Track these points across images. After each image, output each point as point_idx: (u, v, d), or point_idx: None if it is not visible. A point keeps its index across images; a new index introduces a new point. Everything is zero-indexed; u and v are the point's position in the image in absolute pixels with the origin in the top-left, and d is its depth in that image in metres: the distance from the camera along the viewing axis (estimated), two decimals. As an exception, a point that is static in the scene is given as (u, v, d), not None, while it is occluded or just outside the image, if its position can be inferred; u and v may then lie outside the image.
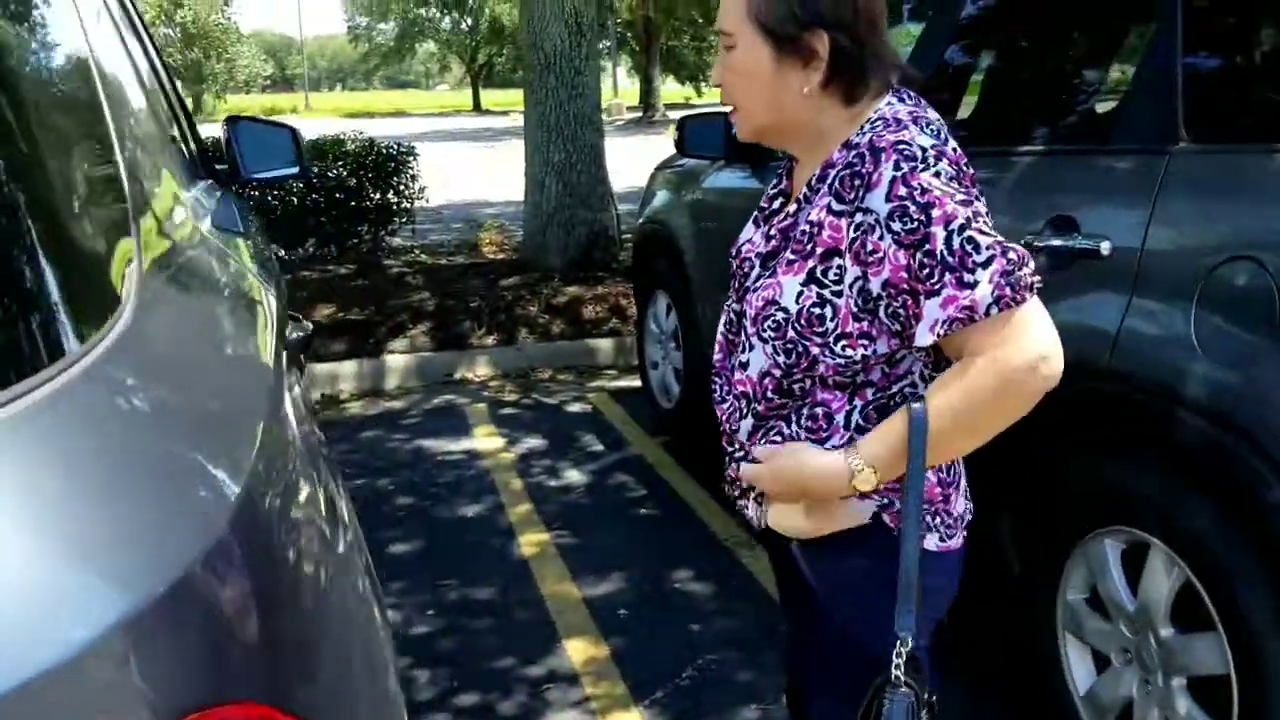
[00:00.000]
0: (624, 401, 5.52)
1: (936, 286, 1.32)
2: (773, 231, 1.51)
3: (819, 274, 1.40)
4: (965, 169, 1.39)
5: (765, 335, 1.45)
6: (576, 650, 3.10)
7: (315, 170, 7.59)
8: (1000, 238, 1.33)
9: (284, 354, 1.19)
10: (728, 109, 1.53)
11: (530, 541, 3.86)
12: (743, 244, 1.57)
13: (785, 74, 1.43)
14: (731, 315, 1.58)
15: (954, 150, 1.40)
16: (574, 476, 4.51)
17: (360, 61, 73.56)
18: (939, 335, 1.34)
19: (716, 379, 1.61)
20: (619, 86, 48.82)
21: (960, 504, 1.55)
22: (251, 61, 52.72)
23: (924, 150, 1.35)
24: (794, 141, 1.51)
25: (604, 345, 6.32)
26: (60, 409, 0.67)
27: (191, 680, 0.61)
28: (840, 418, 1.47)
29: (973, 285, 1.30)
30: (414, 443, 5.01)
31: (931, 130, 1.40)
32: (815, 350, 1.41)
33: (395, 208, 8.09)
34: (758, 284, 1.50)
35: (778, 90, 1.44)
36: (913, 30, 3.09)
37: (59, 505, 0.62)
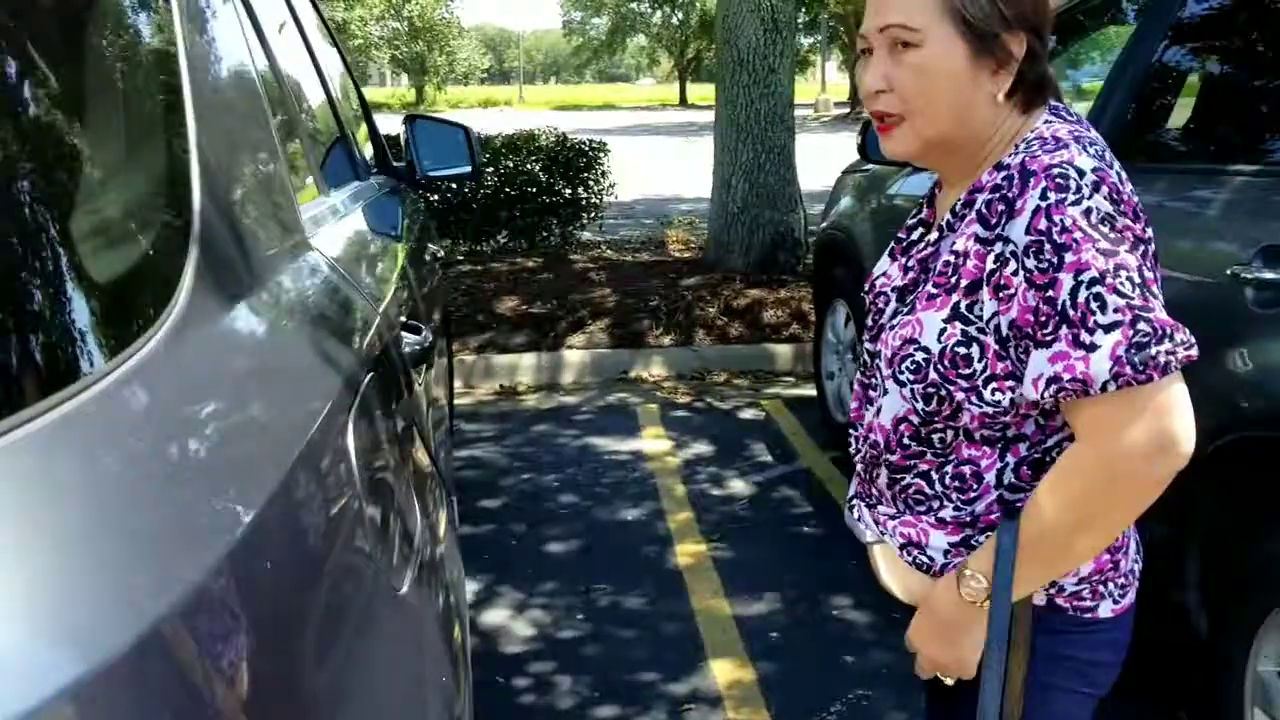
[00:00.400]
0: (798, 411, 5.37)
1: (1049, 338, 1.17)
2: (911, 263, 1.37)
3: (964, 309, 1.25)
4: (1130, 198, 1.22)
5: (903, 378, 1.31)
6: (722, 671, 3.01)
7: (510, 164, 7.75)
8: (1146, 300, 1.15)
9: (369, 373, 1.15)
10: (881, 119, 1.33)
11: (687, 552, 3.79)
12: (878, 277, 1.44)
13: (978, 77, 1.26)
14: (866, 356, 1.45)
15: (1118, 176, 1.22)
16: (738, 486, 4.41)
17: (573, 56, 75.23)
18: (1044, 396, 1.19)
19: (853, 429, 1.49)
20: (828, 82, 48.08)
21: (1128, 560, 1.38)
22: (471, 55, 54.80)
23: (1081, 176, 1.18)
24: (956, 159, 1.34)
25: (783, 351, 6.18)
26: (55, 438, 0.63)
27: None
28: (990, 476, 1.32)
29: (1089, 349, 1.15)
30: (583, 440, 5.03)
31: (1095, 151, 1.23)
32: (960, 395, 1.27)
33: (584, 203, 8.16)
34: (894, 321, 1.36)
35: (969, 95, 1.27)
36: (1116, 32, 2.83)
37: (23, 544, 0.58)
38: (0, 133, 0.73)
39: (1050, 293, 1.16)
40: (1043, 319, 1.17)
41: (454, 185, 7.61)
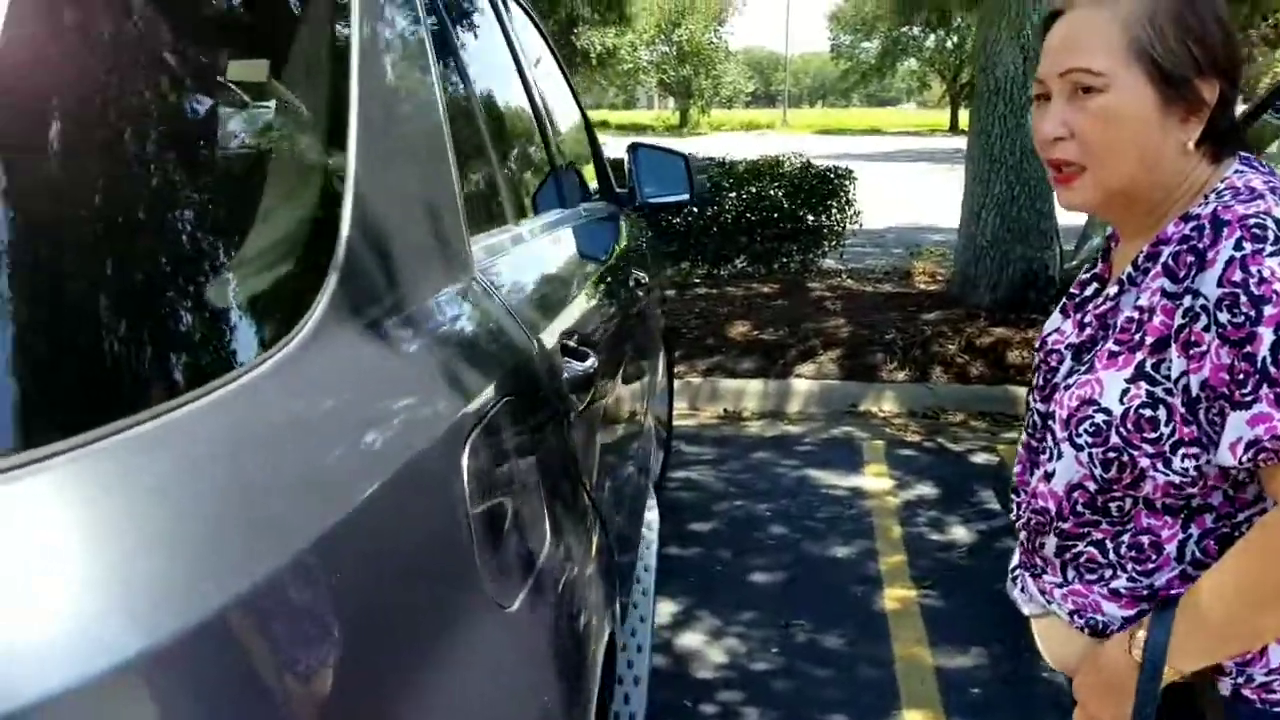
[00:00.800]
0: (1033, 457, 5.09)
1: (1248, 398, 1.07)
2: (1088, 319, 1.28)
3: (1149, 368, 1.17)
4: None
5: (1080, 441, 1.23)
6: (915, 723, 2.90)
7: (753, 190, 7.79)
8: None
9: (505, 397, 1.20)
10: (1059, 169, 1.25)
11: (894, 596, 3.67)
12: (1049, 334, 1.36)
13: (1166, 124, 1.19)
14: (1035, 417, 1.37)
15: None
16: (958, 533, 4.23)
17: (840, 79, 74.63)
18: (1241, 462, 1.09)
19: (1016, 495, 1.41)
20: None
21: None
22: (736, 78, 55.43)
23: (1279, 227, 1.08)
24: (1138, 211, 1.26)
25: (1025, 394, 5.88)
26: (165, 441, 0.70)
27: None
28: (1172, 548, 1.22)
29: None
30: (802, 471, 4.97)
31: None
32: (1145, 462, 1.18)
33: (826, 230, 8.08)
34: (1070, 380, 1.28)
35: (1157, 143, 1.19)
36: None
37: (116, 538, 0.65)
38: (173, 146, 0.82)
39: (1249, 348, 1.07)
40: (1240, 377, 1.08)
41: (695, 209, 7.74)
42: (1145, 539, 1.23)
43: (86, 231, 0.76)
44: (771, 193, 7.85)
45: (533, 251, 1.82)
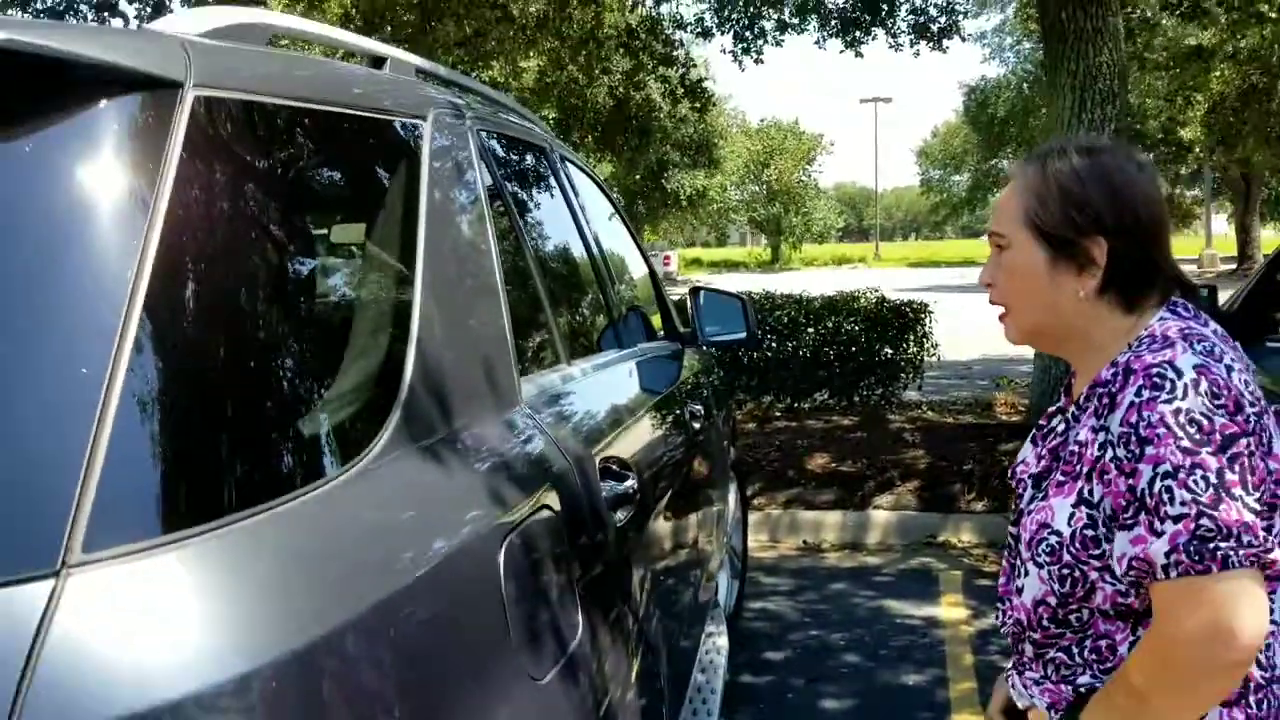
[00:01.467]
0: (1111, 586, 5.08)
1: (1130, 521, 1.27)
2: (1044, 451, 1.48)
3: (1087, 494, 1.36)
4: (1236, 389, 1.28)
5: (1040, 560, 1.42)
6: None
7: (830, 324, 8.02)
8: (1218, 498, 1.22)
9: (541, 509, 1.44)
10: (999, 310, 1.52)
11: (962, 721, 3.72)
12: (1018, 465, 1.55)
13: (1059, 278, 1.42)
14: (1010, 540, 1.55)
15: (1226, 370, 1.30)
16: (1031, 660, 4.25)
17: (931, 213, 75.19)
18: (1125, 575, 1.29)
19: (1000, 603, 1.58)
20: (1213, 234, 44.82)
21: None
22: (826, 214, 56.28)
23: (1178, 376, 1.28)
24: (1068, 348, 1.48)
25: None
26: (272, 528, 0.97)
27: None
28: (1124, 649, 1.40)
29: (1158, 535, 1.24)
30: (878, 601, 5.04)
31: (1202, 348, 1.32)
32: (1094, 575, 1.37)
33: (903, 363, 8.23)
34: (1031, 506, 1.47)
35: (1052, 294, 1.42)
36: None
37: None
38: (292, 305, 1.11)
39: (1132, 480, 1.27)
40: (1124, 503, 1.28)
41: (772, 345, 7.99)
42: (1103, 643, 1.41)
43: (225, 366, 1.05)
44: (848, 327, 8.06)
45: (584, 388, 2.08)
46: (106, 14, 10.24)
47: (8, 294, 0.95)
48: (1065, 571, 1.38)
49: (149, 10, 10.09)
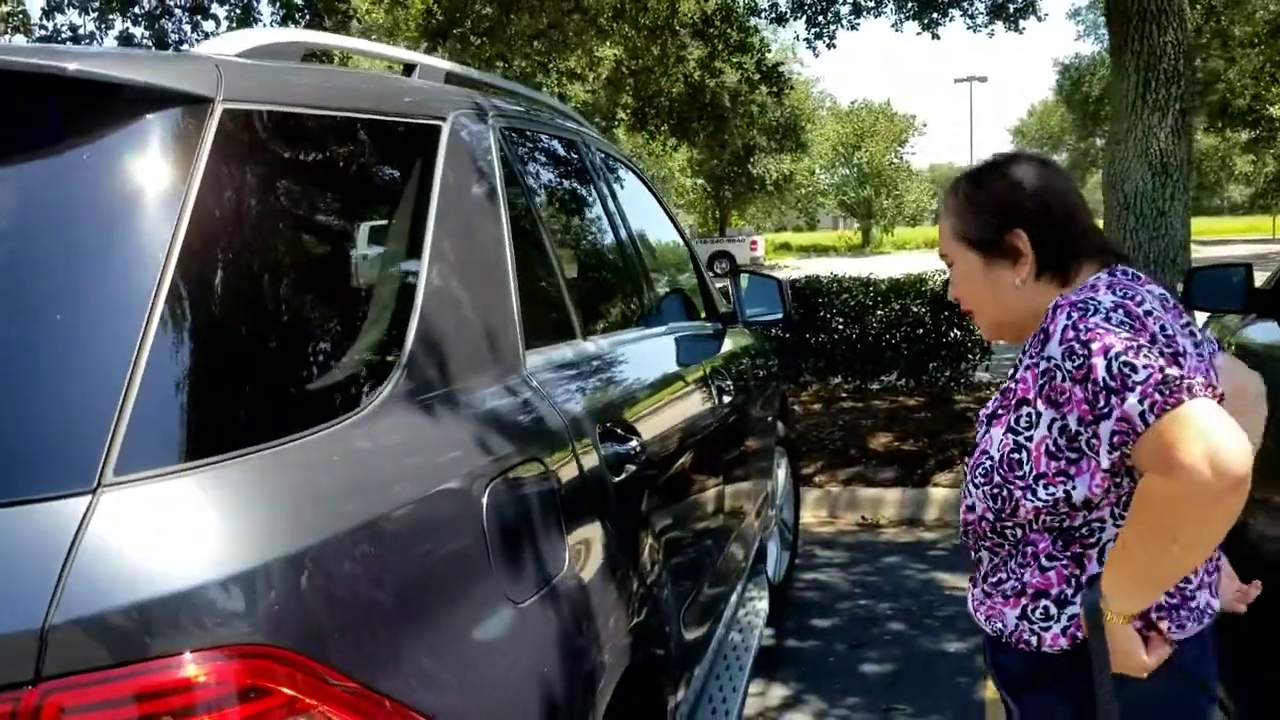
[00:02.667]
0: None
1: (1105, 410, 1.42)
2: (997, 395, 1.67)
3: (1013, 422, 1.57)
4: (1153, 328, 1.47)
5: (977, 481, 1.64)
6: (996, 801, 3.08)
7: (897, 306, 8.09)
8: (1175, 361, 1.41)
9: (528, 459, 1.67)
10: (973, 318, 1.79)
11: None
12: (982, 410, 1.74)
13: (998, 274, 1.67)
14: (964, 471, 1.75)
15: (1144, 310, 1.50)
16: (1073, 631, 4.34)
17: (1028, 193, 73.41)
18: (1112, 455, 1.43)
19: (962, 529, 1.77)
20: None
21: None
22: (919, 196, 55.47)
23: (1099, 304, 1.49)
24: (1026, 330, 1.66)
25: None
26: (286, 457, 1.23)
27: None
28: (1044, 558, 1.60)
29: (1126, 400, 1.39)
30: (929, 574, 5.16)
31: (1122, 292, 1.53)
32: (1018, 493, 1.56)
33: (971, 344, 8.26)
34: (980, 440, 1.65)
35: (995, 290, 1.67)
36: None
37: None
38: (320, 275, 1.37)
39: (1091, 376, 1.43)
40: (1095, 399, 1.43)
41: (839, 327, 8.11)
42: (1029, 549, 1.61)
43: (246, 326, 1.32)
44: (915, 309, 8.12)
45: (598, 360, 2.29)
46: (199, 16, 10.80)
47: (68, 262, 1.21)
48: (995, 490, 1.59)
49: (238, 13, 10.61)
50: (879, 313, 8.21)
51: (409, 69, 2.18)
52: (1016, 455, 1.56)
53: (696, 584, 2.65)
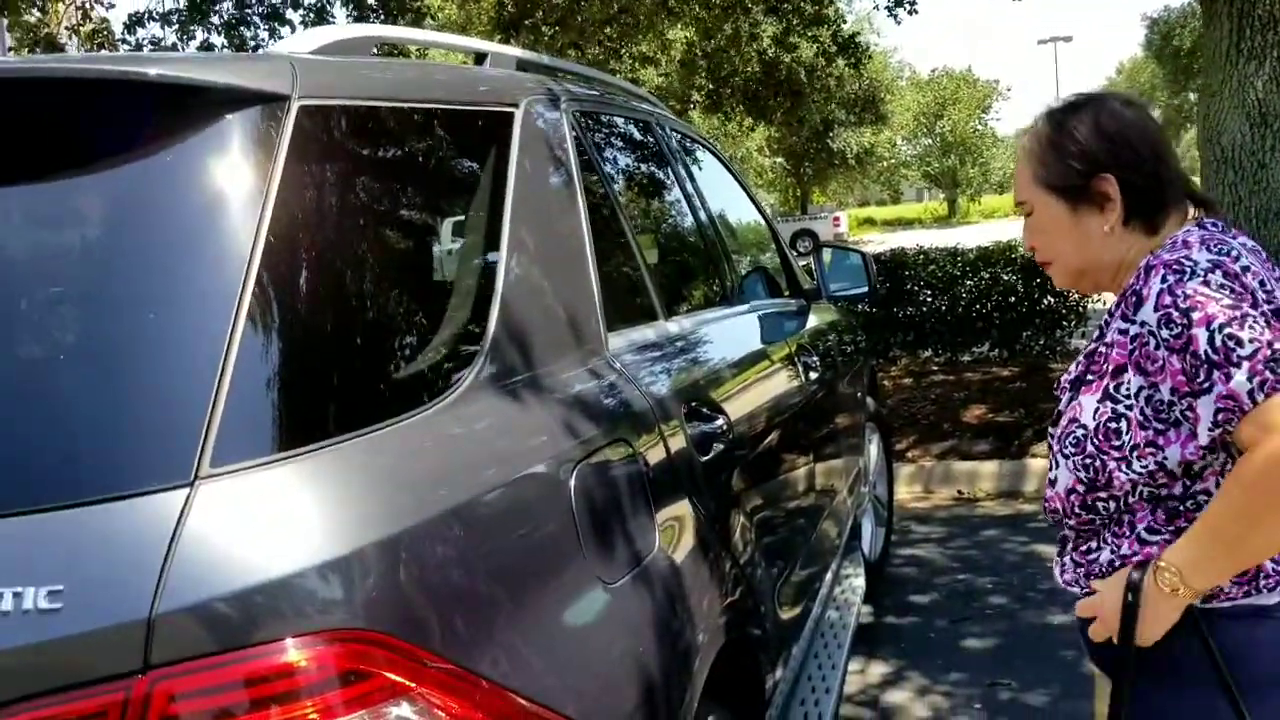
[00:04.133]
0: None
1: (1206, 385, 1.36)
2: (1080, 359, 1.60)
3: (1112, 390, 1.50)
4: (1249, 283, 1.41)
5: (1067, 452, 1.56)
6: (1107, 775, 3.01)
7: (987, 275, 7.92)
8: (1277, 336, 1.34)
9: (615, 440, 1.67)
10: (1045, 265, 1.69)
11: (1105, 659, 3.75)
12: (1062, 375, 1.68)
13: (1084, 221, 1.58)
14: (1049, 440, 1.68)
15: (1241, 270, 1.42)
16: (1184, 601, 4.21)
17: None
18: (1213, 433, 1.37)
19: (1045, 501, 1.71)
20: None
21: None
22: (1005, 163, 54.11)
23: (1195, 265, 1.42)
24: (1105, 279, 1.61)
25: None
26: (379, 443, 1.26)
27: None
28: (1142, 527, 1.52)
29: (1232, 377, 1.33)
30: (1029, 547, 5.05)
31: (1217, 249, 1.45)
32: (1112, 465, 1.49)
33: (1065, 311, 8.04)
34: (1066, 408, 1.59)
35: (1081, 237, 1.59)
36: None
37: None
38: (406, 267, 1.41)
39: (1192, 348, 1.37)
40: (1194, 372, 1.38)
41: (927, 299, 7.96)
42: (1126, 517, 1.53)
43: (330, 318, 1.34)
44: (1006, 277, 7.93)
45: (680, 340, 2.28)
46: (276, 23, 11.04)
47: (158, 262, 1.24)
48: (1088, 461, 1.52)
49: (312, 17, 10.81)
50: (968, 283, 8.04)
51: (480, 58, 2.19)
52: (1115, 425, 1.49)
53: (790, 562, 2.63)
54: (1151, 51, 41.91)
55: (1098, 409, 1.51)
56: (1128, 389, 1.48)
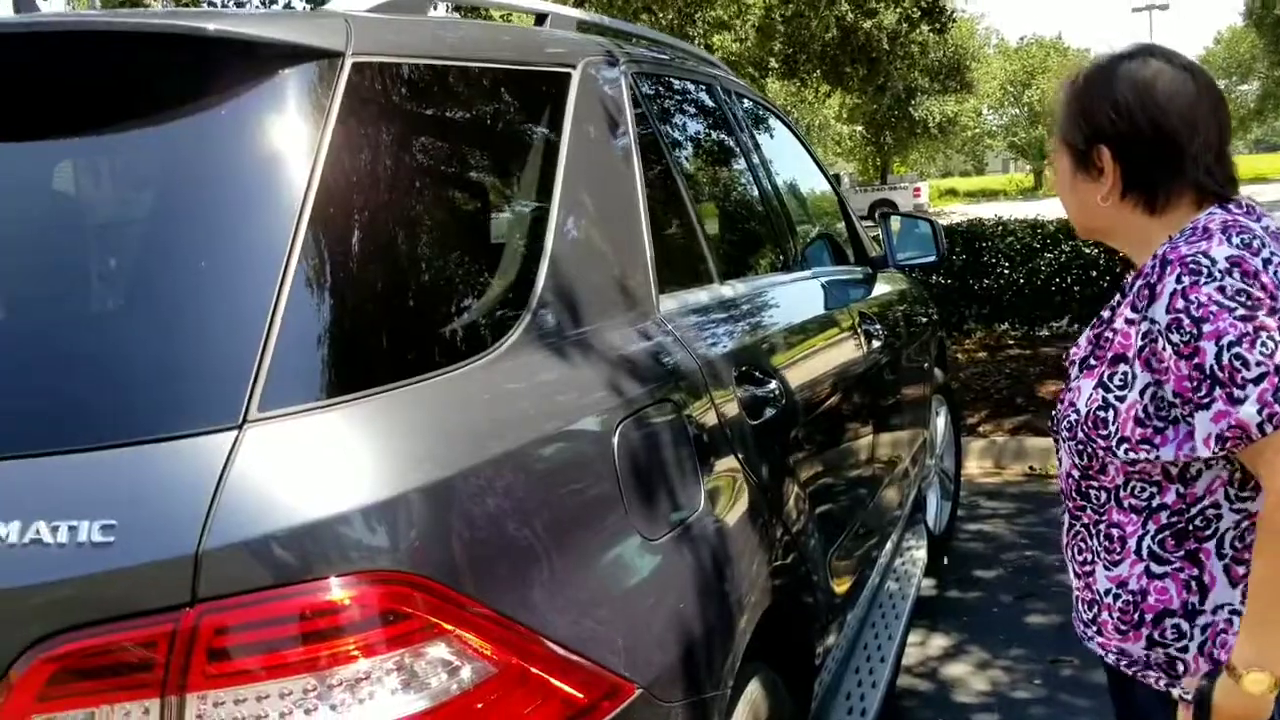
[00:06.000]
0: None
1: (1206, 400, 1.32)
2: (1088, 335, 1.56)
3: (1106, 378, 1.45)
4: (1272, 279, 1.34)
5: (1063, 435, 1.53)
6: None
7: (1067, 249, 7.74)
8: None
9: (660, 399, 1.68)
10: None
11: (1173, 639, 3.68)
12: (1072, 349, 1.63)
13: (1080, 185, 1.53)
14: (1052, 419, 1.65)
15: (1263, 263, 1.35)
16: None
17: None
18: (1215, 452, 1.33)
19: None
20: None
21: None
22: (1094, 135, 52.43)
23: (1213, 264, 1.34)
24: (1118, 243, 1.56)
25: None
26: (427, 393, 1.31)
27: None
28: (1133, 542, 1.48)
29: (1240, 402, 1.29)
30: (1101, 524, 4.96)
31: (1240, 240, 1.37)
32: (1101, 453, 1.46)
33: (1149, 285, 7.81)
34: (1067, 390, 1.56)
35: (1079, 197, 1.54)
36: None
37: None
38: (456, 226, 1.43)
39: (1197, 360, 1.32)
40: (1195, 384, 1.33)
41: (1005, 270, 7.80)
42: (1115, 531, 1.48)
43: (378, 267, 1.38)
44: (1087, 250, 7.74)
45: (736, 304, 2.28)
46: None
47: (212, 212, 1.28)
48: (1080, 446, 1.48)
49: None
50: (1048, 256, 7.86)
51: (540, 19, 2.20)
52: (1103, 414, 1.44)
53: (845, 531, 2.62)
54: (1251, 20, 40.26)
55: (1090, 395, 1.46)
56: (1122, 380, 1.43)
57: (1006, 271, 7.94)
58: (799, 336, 2.51)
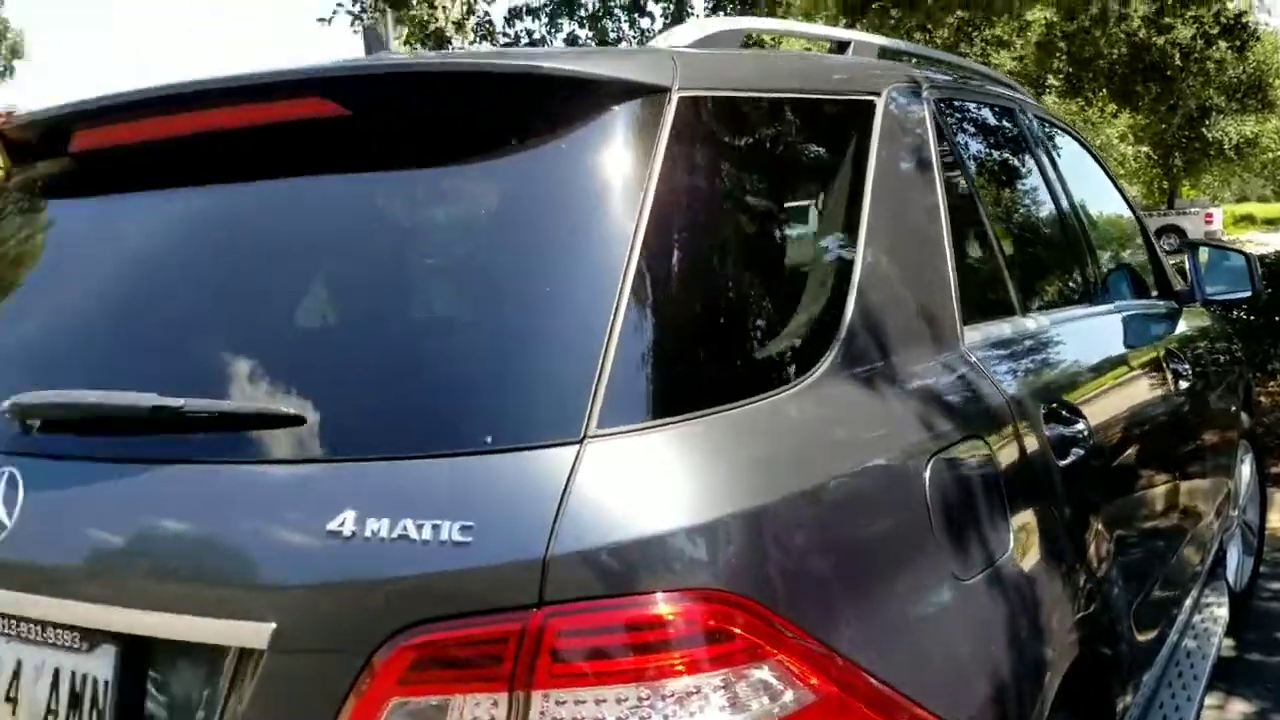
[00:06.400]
0: None
1: None
2: None
3: None
4: None
5: None
6: None
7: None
8: None
9: (970, 437, 1.63)
10: None
11: None
12: None
13: None
14: None
15: None
16: None
17: None
18: None
19: None
20: None
21: None
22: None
23: None
24: None
25: None
26: (745, 419, 1.34)
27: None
28: None
29: None
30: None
31: None
32: None
33: None
34: None
35: None
36: None
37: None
38: (768, 258, 1.53)
39: None
40: None
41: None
42: None
43: (701, 298, 1.43)
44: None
45: (1039, 338, 2.20)
46: (636, 15, 11.53)
47: (553, 241, 1.37)
48: None
49: (672, 9, 11.19)
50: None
51: (842, 47, 2.21)
52: None
53: (1147, 583, 2.46)
54: None
55: None
56: None
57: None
58: (1105, 374, 2.39)
